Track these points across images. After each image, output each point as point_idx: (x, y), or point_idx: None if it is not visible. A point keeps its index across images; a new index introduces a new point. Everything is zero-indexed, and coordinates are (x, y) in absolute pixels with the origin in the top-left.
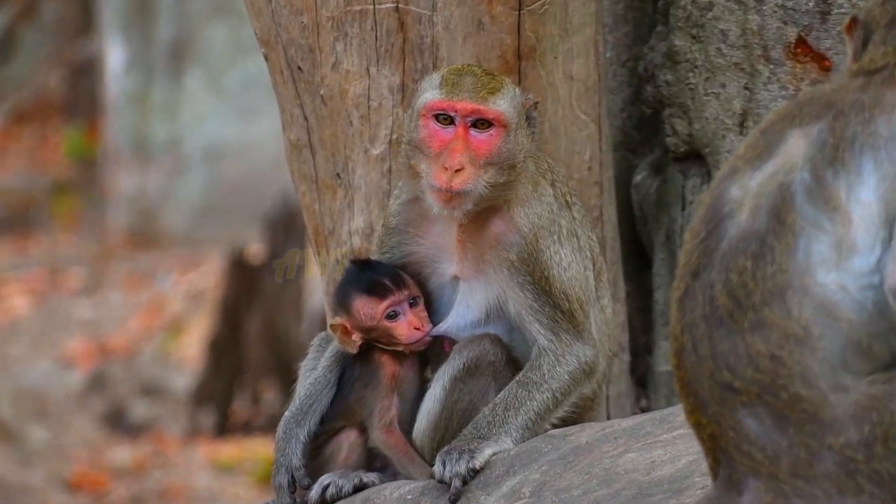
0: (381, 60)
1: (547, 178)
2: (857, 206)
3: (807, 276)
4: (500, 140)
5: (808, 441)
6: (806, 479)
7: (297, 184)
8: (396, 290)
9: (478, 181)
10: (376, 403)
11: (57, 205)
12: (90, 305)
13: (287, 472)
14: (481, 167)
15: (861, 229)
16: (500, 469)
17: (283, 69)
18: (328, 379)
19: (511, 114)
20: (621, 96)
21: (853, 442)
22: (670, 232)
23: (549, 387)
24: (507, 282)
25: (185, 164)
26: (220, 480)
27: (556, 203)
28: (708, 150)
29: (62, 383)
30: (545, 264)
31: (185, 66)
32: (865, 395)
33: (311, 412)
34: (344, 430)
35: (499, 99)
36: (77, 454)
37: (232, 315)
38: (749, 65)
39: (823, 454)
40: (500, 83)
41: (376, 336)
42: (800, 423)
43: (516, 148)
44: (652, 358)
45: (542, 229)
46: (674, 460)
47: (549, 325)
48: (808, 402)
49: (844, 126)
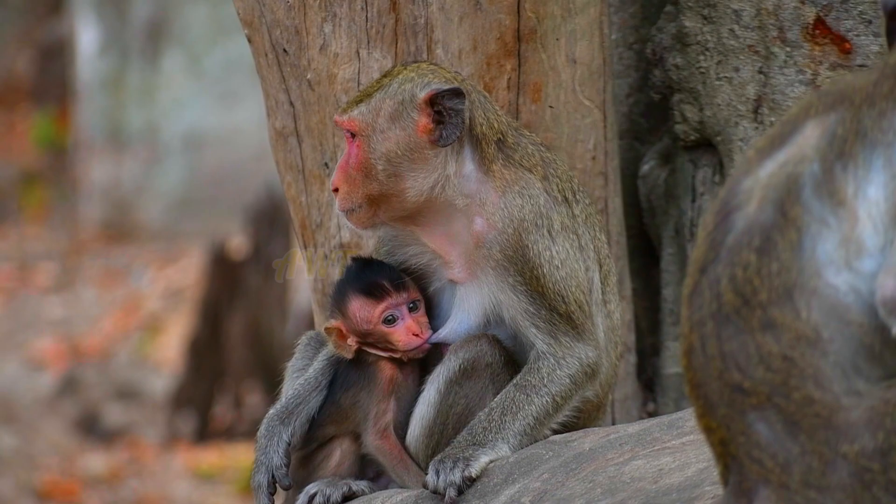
0: (371, 42)
1: (537, 171)
2: (864, 202)
3: (815, 276)
4: (362, 150)
5: (820, 448)
6: (819, 490)
7: (283, 174)
8: (395, 292)
9: (352, 198)
10: (372, 407)
11: (25, 196)
12: (61, 303)
13: (267, 471)
14: (355, 182)
15: (868, 228)
16: (498, 477)
17: (268, 52)
18: (319, 381)
19: (365, 119)
20: (628, 81)
21: (868, 450)
22: (679, 225)
23: (548, 391)
24: (497, 283)
25: (162, 152)
26: (200, 489)
27: (545, 196)
28: (720, 139)
29: (31, 386)
30: (532, 261)
31: (163, 47)
32: (881, 400)
33: (297, 413)
34: (336, 438)
35: (358, 107)
36: (47, 462)
37: (213, 314)
38: (764, 47)
39: (837, 463)
40: (377, 87)
41: (373, 341)
42: (812, 428)
43: (382, 153)
44: (659, 359)
45: (524, 222)
46: (683, 468)
47: (546, 329)
48: (820, 406)
49: (858, 119)
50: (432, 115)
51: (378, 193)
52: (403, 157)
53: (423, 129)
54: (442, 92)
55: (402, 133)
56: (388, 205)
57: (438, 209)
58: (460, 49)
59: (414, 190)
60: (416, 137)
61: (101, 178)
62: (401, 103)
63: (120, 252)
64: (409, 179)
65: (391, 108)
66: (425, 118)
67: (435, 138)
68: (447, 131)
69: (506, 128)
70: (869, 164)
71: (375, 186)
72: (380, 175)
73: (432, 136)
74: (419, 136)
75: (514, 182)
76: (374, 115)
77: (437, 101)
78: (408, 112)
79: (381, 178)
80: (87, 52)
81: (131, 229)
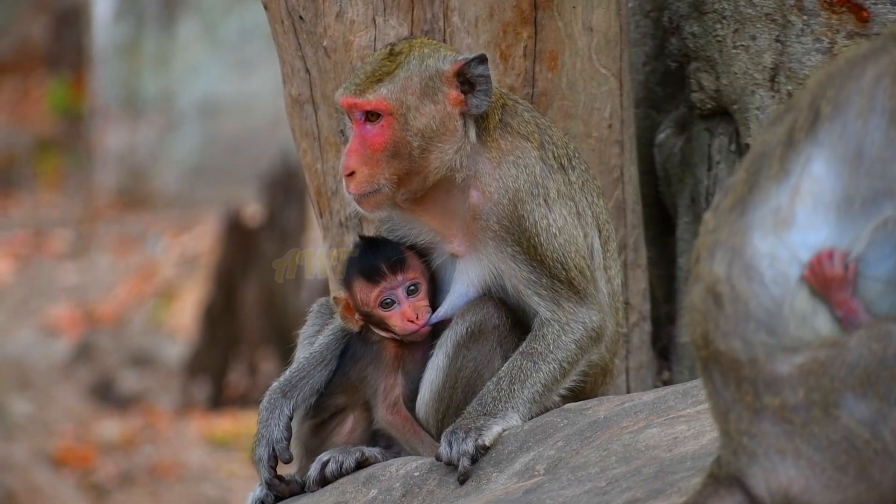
0: (387, 10)
1: (533, 139)
2: (808, 179)
3: (740, 235)
4: (391, 130)
5: (747, 398)
6: (750, 436)
7: (298, 141)
8: (391, 275)
9: (376, 180)
10: (380, 383)
11: (40, 163)
12: (76, 270)
13: (268, 444)
14: (379, 163)
15: (807, 203)
16: (512, 445)
17: (284, 19)
18: (324, 356)
19: (396, 98)
20: (644, 49)
21: (790, 404)
22: (695, 194)
23: (554, 357)
24: (497, 254)
25: (177, 119)
26: (214, 456)
27: (541, 165)
28: (736, 107)
29: (46, 353)
30: (530, 231)
31: (178, 14)
32: (810, 358)
33: (300, 387)
34: (348, 407)
35: (380, 87)
36: (62, 428)
37: (227, 281)
38: (781, 15)
39: (763, 413)
40: (393, 65)
41: (374, 322)
42: (738, 380)
43: (418, 130)
44: (674, 328)
45: (519, 192)
46: (697, 436)
47: (549, 297)
48: (730, 359)
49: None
50: (459, 86)
51: (406, 172)
52: (437, 131)
53: (454, 100)
54: (469, 61)
55: (435, 107)
56: (411, 183)
57: (443, 185)
58: (477, 16)
59: (438, 162)
60: (449, 109)
61: (116, 145)
62: (430, 78)
63: (135, 219)
64: (437, 151)
65: (420, 84)
66: (455, 90)
67: (465, 108)
68: (477, 99)
69: (504, 96)
70: (815, 140)
71: (405, 165)
72: (414, 152)
73: (462, 106)
74: (452, 107)
75: (509, 152)
76: (405, 93)
77: (464, 71)
78: (438, 86)
79: (414, 156)
80: (103, 18)
81: (146, 196)
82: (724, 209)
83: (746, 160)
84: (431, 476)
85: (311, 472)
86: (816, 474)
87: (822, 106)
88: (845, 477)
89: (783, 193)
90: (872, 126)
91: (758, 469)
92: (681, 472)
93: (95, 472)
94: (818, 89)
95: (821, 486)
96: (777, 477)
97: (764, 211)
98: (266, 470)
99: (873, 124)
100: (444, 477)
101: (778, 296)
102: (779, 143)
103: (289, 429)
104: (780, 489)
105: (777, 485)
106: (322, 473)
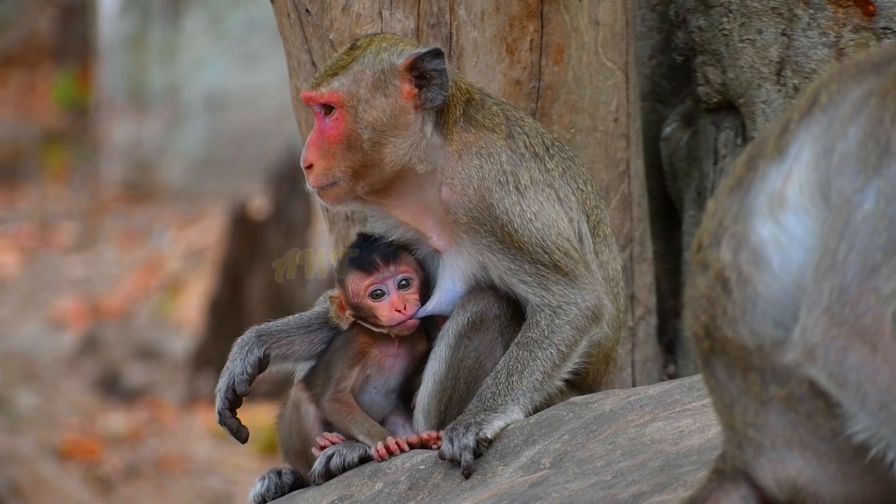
0: (394, 3)
1: (500, 130)
2: (799, 165)
3: (743, 221)
4: (343, 123)
5: (754, 389)
6: (756, 428)
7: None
8: (384, 267)
9: (332, 173)
10: (336, 371)
11: (46, 156)
12: (82, 263)
13: (230, 377)
14: (335, 156)
15: (796, 189)
16: (518, 438)
17: (290, 12)
18: (310, 322)
19: (347, 90)
20: (650, 42)
21: (796, 395)
22: (701, 188)
23: (550, 342)
24: (474, 246)
25: (183, 112)
26: (219, 449)
27: (507, 153)
28: (742, 101)
29: (52, 346)
30: (501, 219)
31: (185, 7)
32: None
33: (277, 338)
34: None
35: (334, 80)
36: (68, 421)
37: (233, 274)
38: (787, 9)
39: (769, 404)
40: (350, 59)
41: (363, 316)
42: (744, 370)
43: (368, 122)
44: (680, 321)
45: (485, 181)
46: (703, 430)
47: (535, 283)
48: (738, 347)
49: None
50: (413, 80)
51: (360, 165)
52: (388, 124)
53: (407, 94)
54: (421, 55)
55: (386, 101)
56: (368, 176)
57: (408, 179)
58: (483, 10)
59: (393, 155)
60: (401, 103)
61: (122, 138)
62: (381, 72)
63: (141, 212)
64: (390, 145)
65: (372, 78)
66: (408, 84)
67: (420, 102)
68: (432, 93)
69: (471, 90)
70: (809, 129)
71: (359, 157)
72: (364, 144)
73: (417, 100)
74: (405, 101)
75: (472, 144)
76: (356, 86)
77: (418, 65)
78: (390, 80)
79: (365, 148)
80: (109, 11)
81: (152, 189)
82: (723, 191)
83: (750, 144)
84: (437, 469)
85: (316, 465)
86: (823, 465)
87: (821, 95)
88: (851, 468)
89: (778, 178)
90: (850, 135)
91: (765, 460)
92: (686, 465)
93: (101, 464)
94: (827, 79)
95: (827, 477)
96: (785, 468)
97: (762, 195)
98: (221, 400)
99: (851, 133)
100: (449, 470)
101: (786, 283)
102: (777, 126)
103: (254, 367)
104: (788, 480)
105: (785, 476)
106: (327, 467)
